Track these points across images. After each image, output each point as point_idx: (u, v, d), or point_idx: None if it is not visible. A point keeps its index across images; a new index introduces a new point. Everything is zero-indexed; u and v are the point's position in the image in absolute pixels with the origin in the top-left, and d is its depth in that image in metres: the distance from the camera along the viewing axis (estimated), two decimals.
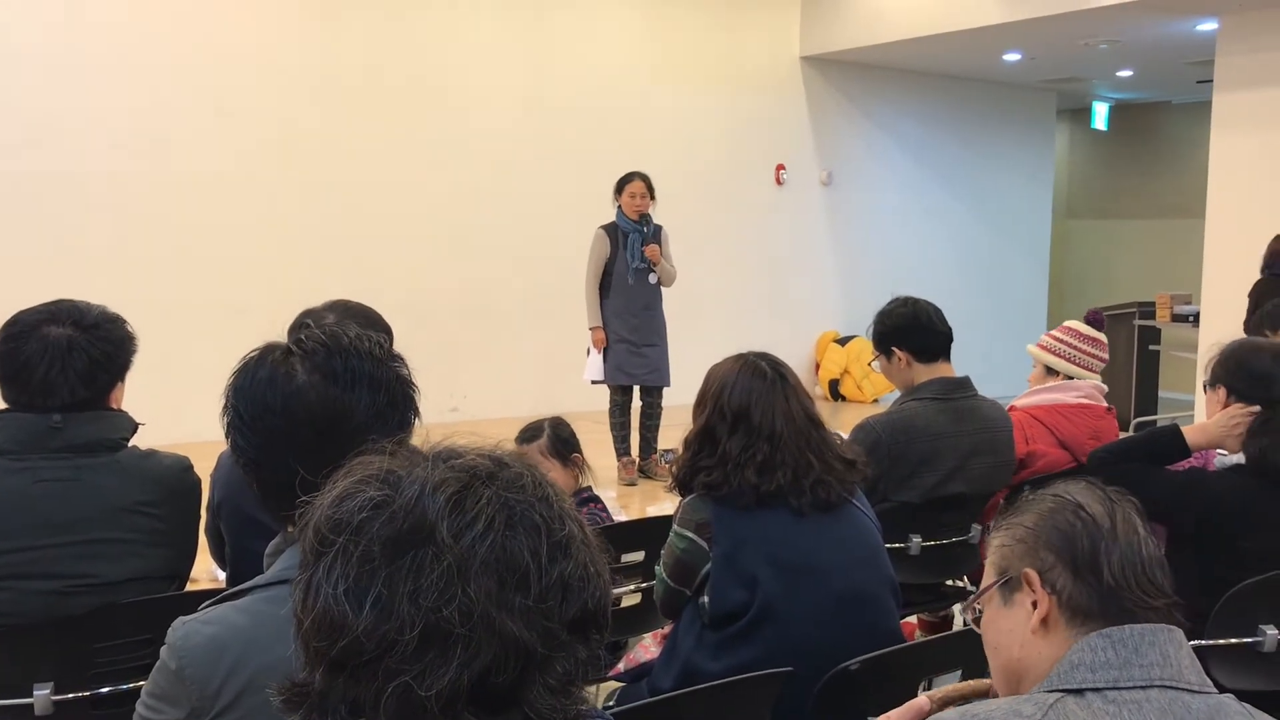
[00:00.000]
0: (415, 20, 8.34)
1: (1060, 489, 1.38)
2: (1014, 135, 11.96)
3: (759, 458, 2.30)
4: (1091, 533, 1.31)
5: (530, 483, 0.91)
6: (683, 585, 2.38)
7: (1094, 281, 13.42)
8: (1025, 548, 1.34)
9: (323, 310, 2.53)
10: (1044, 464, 3.43)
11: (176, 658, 1.32)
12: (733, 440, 2.33)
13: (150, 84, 7.36)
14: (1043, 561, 1.31)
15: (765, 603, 2.25)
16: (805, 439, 2.34)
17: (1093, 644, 1.25)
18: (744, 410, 2.34)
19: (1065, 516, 1.33)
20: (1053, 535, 1.32)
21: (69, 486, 2.20)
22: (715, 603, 2.29)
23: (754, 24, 10.01)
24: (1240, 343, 2.95)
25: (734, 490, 2.30)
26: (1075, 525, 1.32)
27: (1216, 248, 8.30)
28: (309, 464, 1.32)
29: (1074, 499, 1.35)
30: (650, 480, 6.61)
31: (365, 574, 0.85)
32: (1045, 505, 1.36)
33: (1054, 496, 1.37)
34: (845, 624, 2.29)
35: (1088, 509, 1.33)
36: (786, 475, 2.29)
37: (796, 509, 2.30)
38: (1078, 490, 1.37)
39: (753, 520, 2.30)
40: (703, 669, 2.27)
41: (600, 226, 6.55)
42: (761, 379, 2.38)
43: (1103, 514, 1.33)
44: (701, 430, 2.39)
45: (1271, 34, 7.90)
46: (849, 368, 10.19)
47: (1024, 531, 1.35)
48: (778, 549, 2.29)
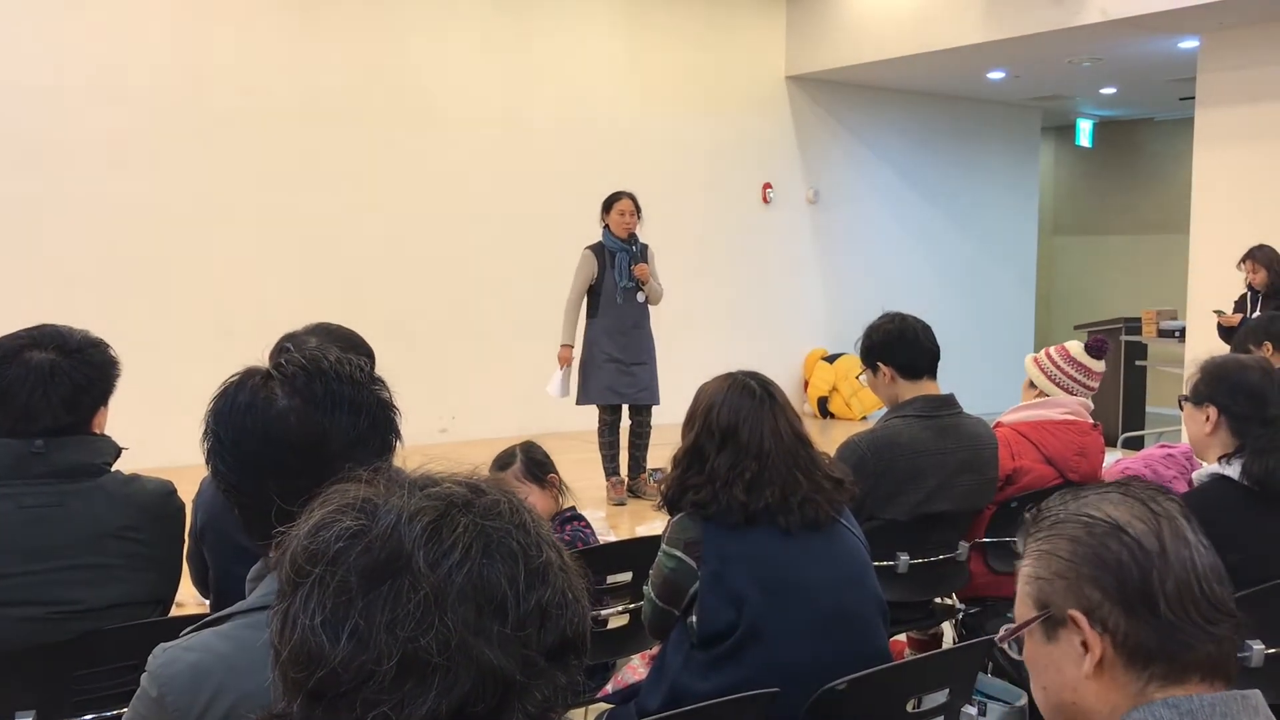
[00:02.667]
0: (400, 44, 8.36)
1: (1093, 506, 1.20)
2: (999, 152, 12.02)
3: (747, 475, 2.30)
4: (1140, 560, 1.15)
5: (507, 509, 0.90)
6: (671, 605, 2.38)
7: (1080, 298, 13.48)
8: (1066, 584, 1.17)
9: (304, 334, 2.52)
10: (1029, 480, 3.43)
11: (157, 685, 1.31)
12: (721, 458, 2.33)
13: (133, 108, 7.35)
14: (1089, 600, 1.16)
15: (752, 623, 2.25)
16: (793, 457, 2.34)
17: (1157, 714, 1.12)
18: (732, 428, 2.35)
19: (1107, 545, 1.16)
20: (1096, 569, 1.16)
21: (52, 512, 2.19)
22: (703, 622, 2.29)
23: (739, 44, 10.06)
24: (1224, 360, 2.96)
25: (722, 508, 2.30)
26: (1120, 554, 1.16)
27: (1201, 263, 8.35)
28: (290, 488, 1.32)
29: (1112, 520, 1.18)
30: (639, 500, 6.60)
31: (342, 604, 0.85)
32: (1080, 530, 1.19)
33: (1088, 519, 1.19)
34: (833, 643, 2.29)
35: (1130, 531, 1.16)
36: (775, 493, 2.30)
37: (784, 527, 2.30)
38: (1114, 506, 1.19)
39: (741, 539, 2.30)
40: (691, 689, 2.26)
41: (587, 247, 6.56)
42: (750, 397, 2.38)
43: (1147, 533, 1.16)
44: (690, 448, 2.40)
45: (1251, 51, 7.98)
46: (837, 385, 10.21)
47: (1061, 565, 1.18)
48: (765, 568, 2.28)
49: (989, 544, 3.45)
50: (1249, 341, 4.73)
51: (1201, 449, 2.90)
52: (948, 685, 2.35)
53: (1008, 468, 3.40)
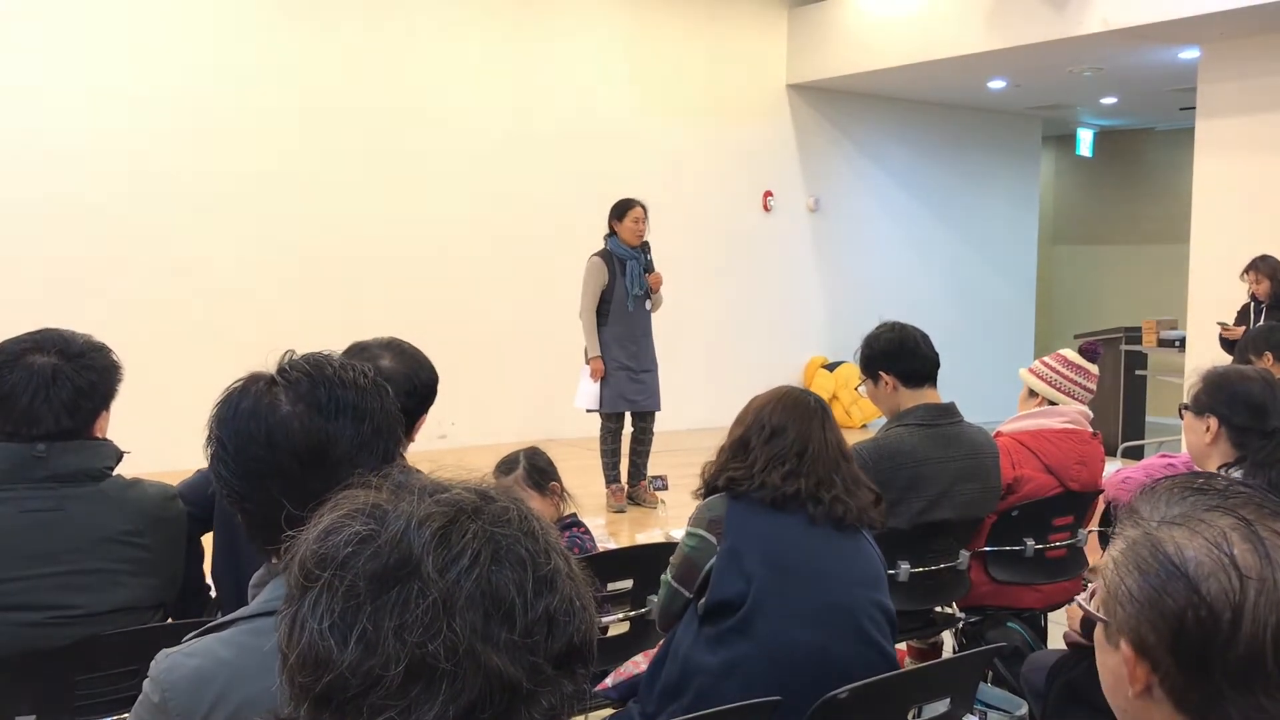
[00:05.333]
0: (402, 51, 8.37)
1: (1183, 537, 1.05)
2: (1000, 162, 12.04)
3: (786, 466, 2.40)
4: (1205, 626, 1.01)
5: (516, 517, 0.90)
6: (685, 585, 2.43)
7: (1081, 307, 13.49)
8: (1125, 614, 1.07)
9: (377, 350, 2.48)
10: (1030, 489, 3.43)
11: (160, 691, 1.31)
12: (765, 449, 2.43)
13: (133, 113, 7.36)
14: (1143, 639, 1.06)
15: (761, 597, 2.30)
16: (834, 465, 2.45)
17: None
18: (781, 427, 2.45)
19: (1174, 595, 1.03)
20: (1155, 615, 1.04)
21: (53, 516, 2.19)
22: (714, 589, 2.35)
23: (741, 53, 10.08)
24: (1225, 371, 2.96)
25: (755, 487, 2.39)
26: (1184, 614, 1.02)
27: (1201, 273, 8.36)
28: (293, 495, 1.32)
29: (1187, 571, 1.03)
30: (639, 507, 6.59)
31: (350, 609, 0.85)
32: (1151, 562, 1.06)
33: (1163, 558, 1.05)
34: (840, 633, 2.34)
35: (1202, 590, 1.01)
36: (809, 484, 2.39)
37: (811, 517, 2.38)
38: (1204, 546, 1.04)
39: (766, 519, 2.38)
40: (699, 662, 2.33)
41: (595, 254, 6.53)
42: (805, 406, 2.51)
43: (1223, 597, 1.01)
44: (736, 440, 2.50)
45: (1251, 62, 7.99)
46: (837, 393, 10.21)
47: (1124, 593, 1.07)
48: (783, 549, 2.36)
49: (990, 553, 3.45)
50: (1250, 352, 4.74)
51: (1201, 459, 2.91)
52: (948, 694, 2.35)
53: (1008, 477, 3.41)
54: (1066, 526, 3.56)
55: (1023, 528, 3.45)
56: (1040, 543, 3.48)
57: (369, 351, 2.45)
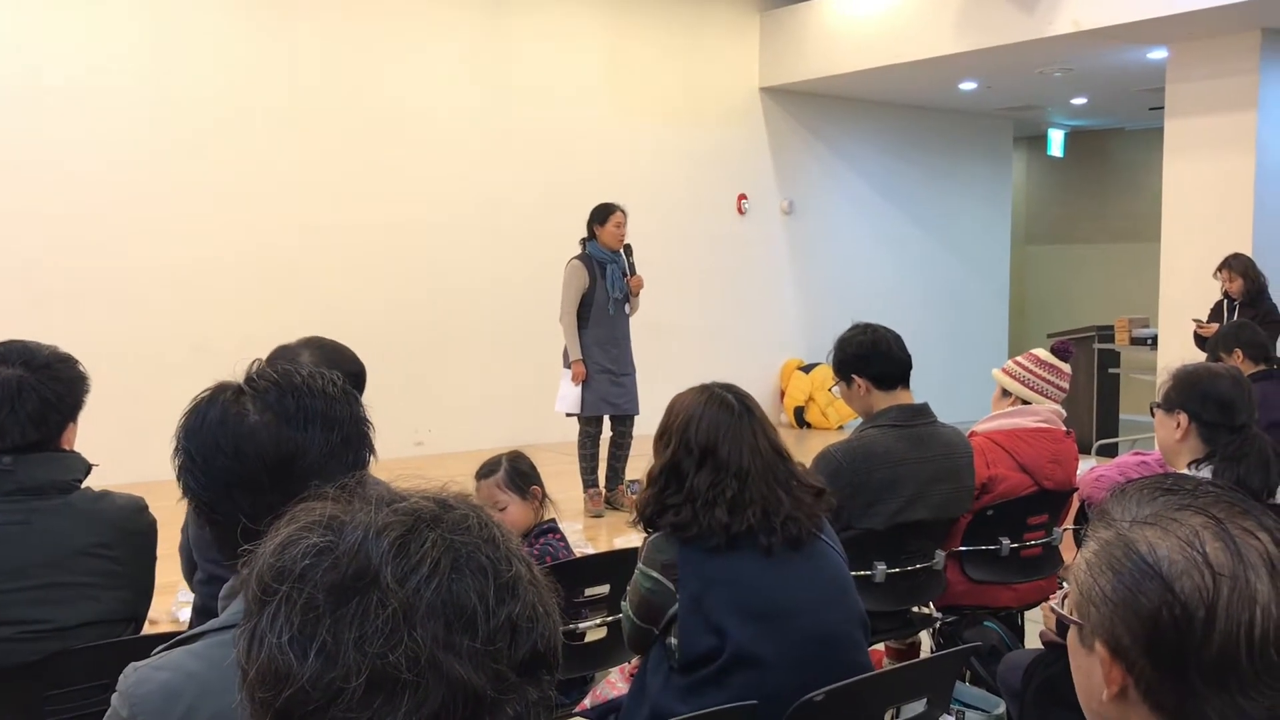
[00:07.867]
0: (377, 55, 8.35)
1: (1156, 537, 1.05)
2: (972, 163, 12.11)
3: (728, 494, 2.24)
4: (1180, 625, 1.01)
5: (476, 524, 0.90)
6: (649, 624, 2.34)
7: (1053, 306, 13.58)
8: (1099, 615, 1.07)
9: (297, 347, 2.50)
10: (1004, 488, 3.45)
11: (128, 705, 1.30)
12: (700, 476, 2.27)
13: (109, 123, 7.31)
14: (1117, 640, 1.05)
15: (736, 651, 2.21)
16: (773, 473, 2.30)
17: None
18: (711, 446, 2.29)
19: (1148, 594, 1.03)
20: (1129, 615, 1.04)
21: (21, 530, 2.17)
22: (685, 647, 2.25)
23: (713, 56, 10.10)
24: (1195, 368, 2.99)
25: (704, 530, 2.24)
26: (1159, 613, 1.02)
27: (1172, 270, 8.43)
28: (262, 505, 1.31)
29: (1161, 570, 1.03)
30: (616, 511, 6.59)
31: (309, 622, 0.84)
32: (1125, 562, 1.06)
33: (1137, 558, 1.05)
34: (816, 666, 2.25)
35: (1176, 589, 1.01)
36: (756, 513, 2.25)
37: (766, 548, 2.25)
38: (1178, 546, 1.04)
39: (721, 563, 2.24)
40: (671, 711, 2.22)
41: (574, 258, 6.52)
42: (728, 412, 2.33)
43: (1196, 595, 1.01)
44: (666, 465, 2.33)
45: (1219, 62, 8.07)
46: (813, 395, 10.24)
47: (1099, 593, 1.07)
48: (746, 595, 2.24)
49: (965, 552, 3.46)
50: (1220, 349, 4.79)
51: (1172, 455, 2.93)
52: (926, 694, 2.35)
53: (982, 476, 3.42)
54: (1041, 525, 3.58)
55: (998, 527, 3.47)
56: (1016, 541, 3.50)
57: (289, 351, 2.46)
